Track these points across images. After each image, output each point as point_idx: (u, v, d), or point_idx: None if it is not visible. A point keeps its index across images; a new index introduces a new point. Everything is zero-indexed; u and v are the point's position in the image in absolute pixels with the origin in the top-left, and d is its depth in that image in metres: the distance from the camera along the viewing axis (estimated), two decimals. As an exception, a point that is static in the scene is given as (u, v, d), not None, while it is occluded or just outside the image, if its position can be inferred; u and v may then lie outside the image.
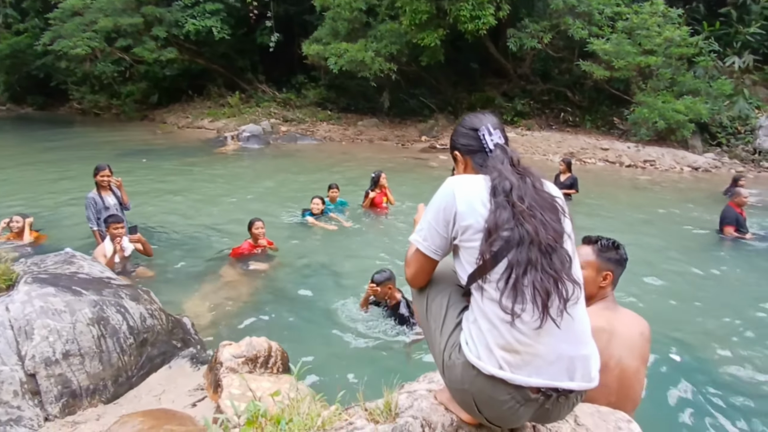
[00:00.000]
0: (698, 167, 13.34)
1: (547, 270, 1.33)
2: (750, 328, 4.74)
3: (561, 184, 9.21)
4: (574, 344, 1.39)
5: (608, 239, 2.23)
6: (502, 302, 1.35)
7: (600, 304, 2.17)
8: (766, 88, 15.68)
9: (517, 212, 1.35)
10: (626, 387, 2.09)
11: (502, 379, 1.35)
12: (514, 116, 15.60)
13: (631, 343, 2.10)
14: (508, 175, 1.42)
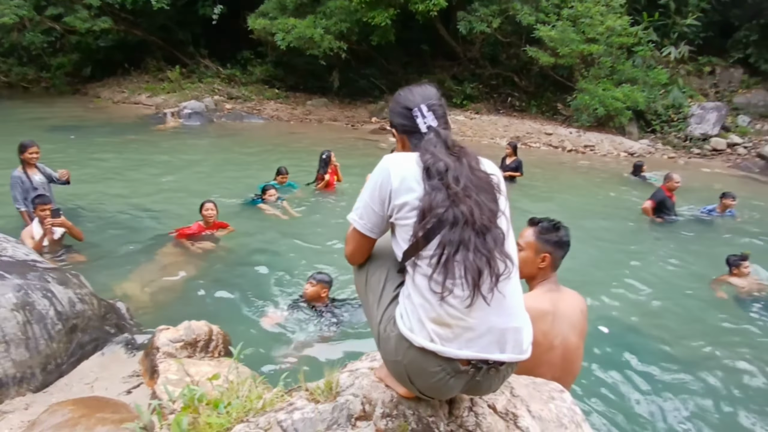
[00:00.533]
0: (634, 153, 14.00)
1: (480, 250, 1.36)
2: (672, 302, 5.12)
3: (507, 166, 9.45)
4: (505, 317, 1.42)
5: (550, 221, 2.26)
6: (433, 279, 1.37)
7: (544, 286, 2.23)
8: (699, 78, 16.59)
9: (452, 194, 1.37)
10: (569, 362, 2.20)
11: (433, 352, 1.38)
12: (464, 99, 15.76)
13: (572, 321, 2.19)
14: (442, 157, 1.42)
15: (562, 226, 2.26)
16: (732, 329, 4.74)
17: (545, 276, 2.24)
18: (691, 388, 3.79)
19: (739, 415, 3.53)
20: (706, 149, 14.59)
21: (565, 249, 2.25)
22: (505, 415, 1.64)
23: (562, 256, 2.24)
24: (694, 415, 3.48)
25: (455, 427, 1.63)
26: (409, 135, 1.56)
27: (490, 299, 1.38)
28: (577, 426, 1.64)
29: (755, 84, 16.04)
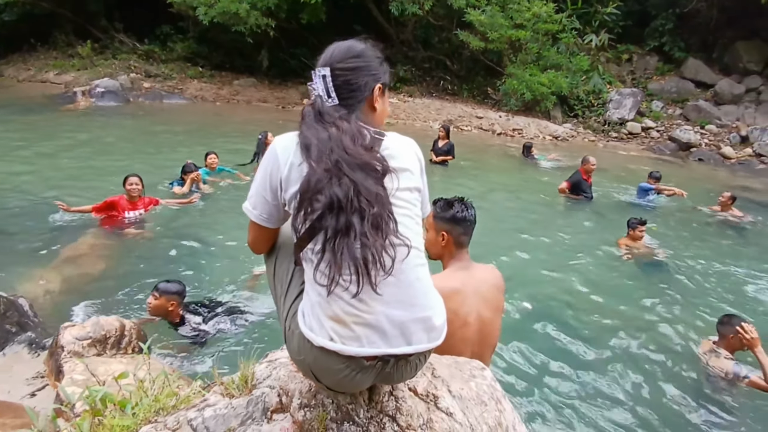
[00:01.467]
0: (558, 136, 14.61)
1: (364, 237, 1.23)
2: (583, 276, 5.40)
3: (439, 149, 9.53)
4: (408, 308, 1.34)
5: (447, 200, 2.24)
6: (319, 270, 1.27)
7: (455, 265, 2.22)
8: (617, 65, 17.50)
9: (323, 172, 1.22)
10: (485, 336, 2.23)
11: (336, 351, 1.31)
12: (397, 82, 15.73)
13: (486, 296, 2.21)
14: (308, 130, 1.28)
15: (456, 202, 2.22)
16: (632, 287, 5.27)
17: (452, 254, 2.23)
18: (606, 352, 4.01)
19: (648, 372, 3.76)
20: (623, 133, 15.48)
21: (464, 225, 2.20)
22: (426, 397, 1.61)
23: (462, 232, 2.20)
24: (610, 377, 3.67)
25: (375, 413, 1.59)
26: None
27: (384, 289, 1.28)
28: (497, 402, 1.64)
29: (669, 71, 17.15)
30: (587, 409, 3.37)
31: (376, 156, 1.29)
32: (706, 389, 3.62)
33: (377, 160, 1.28)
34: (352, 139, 1.26)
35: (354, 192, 1.21)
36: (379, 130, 1.36)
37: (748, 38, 16.32)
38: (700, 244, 6.80)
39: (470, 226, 2.24)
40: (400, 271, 1.30)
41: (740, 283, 5.64)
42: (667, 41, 16.96)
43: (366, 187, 1.22)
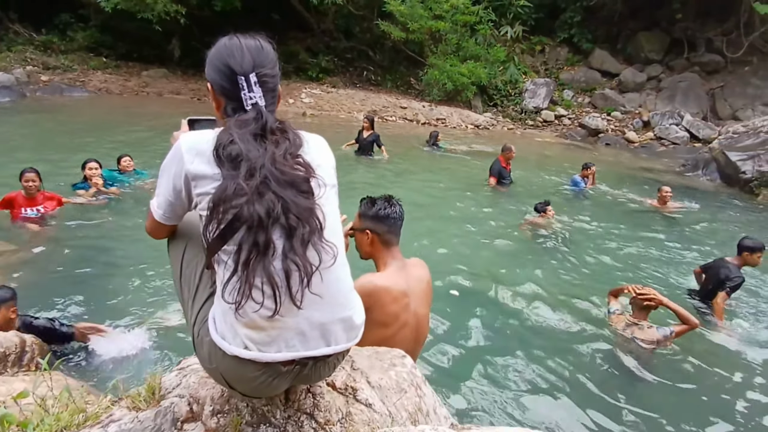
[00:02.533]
0: (479, 125, 15.06)
1: (287, 253, 1.19)
2: (501, 258, 5.63)
3: (364, 140, 9.48)
4: (329, 309, 1.30)
5: (371, 198, 2.20)
6: (230, 283, 1.18)
7: (393, 265, 2.17)
8: (531, 56, 18.28)
9: (249, 188, 1.15)
10: (420, 334, 2.26)
11: (251, 359, 1.24)
12: (319, 73, 15.51)
13: (421, 294, 2.22)
14: (242, 142, 1.19)
15: (379, 199, 2.18)
16: (547, 265, 5.56)
17: (381, 253, 2.19)
18: (531, 331, 4.16)
19: (572, 348, 3.94)
20: (538, 121, 16.24)
21: (388, 222, 2.16)
22: (345, 391, 1.56)
23: (387, 230, 2.16)
24: (537, 357, 3.81)
25: (292, 412, 1.53)
26: (227, 99, 1.31)
27: (302, 301, 1.23)
28: (416, 388, 1.62)
29: (578, 62, 18.16)
30: (517, 389, 3.46)
31: (306, 166, 1.24)
32: (629, 362, 3.82)
33: (306, 171, 1.24)
34: (284, 154, 1.21)
35: (282, 209, 1.16)
36: (300, 133, 1.30)
37: (649, 29, 17.61)
38: (608, 224, 7.25)
39: (395, 224, 2.19)
40: (326, 273, 1.27)
41: (649, 259, 6.07)
42: (576, 33, 17.93)
43: (296, 203, 1.18)
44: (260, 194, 1.15)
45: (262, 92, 1.27)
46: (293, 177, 1.20)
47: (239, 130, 1.20)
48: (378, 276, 2.12)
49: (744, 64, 16.66)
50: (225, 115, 1.32)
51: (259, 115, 1.24)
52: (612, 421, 3.20)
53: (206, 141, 1.22)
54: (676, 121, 15.62)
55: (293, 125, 1.31)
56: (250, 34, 1.34)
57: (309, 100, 13.91)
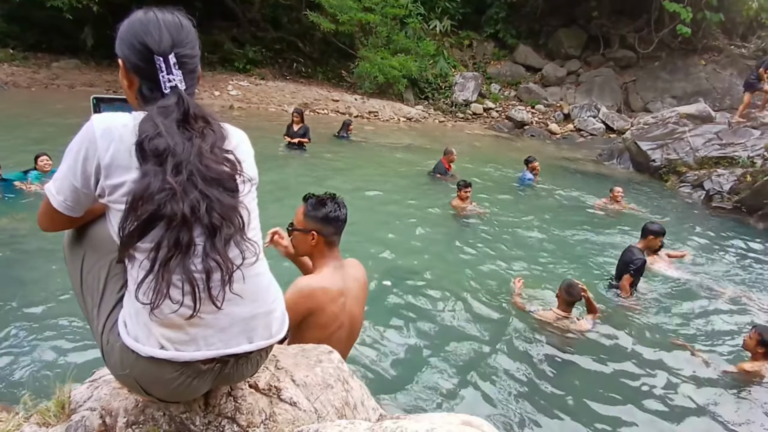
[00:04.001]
0: (411, 118, 15.23)
1: (209, 253, 1.14)
2: (436, 250, 5.72)
3: (294, 134, 9.31)
4: (250, 306, 1.27)
5: (319, 198, 2.14)
6: (145, 283, 1.11)
7: (330, 265, 2.14)
8: (460, 50, 18.67)
9: (172, 184, 1.08)
10: (354, 332, 2.27)
11: (167, 360, 1.18)
12: (247, 64, 14.99)
13: (358, 294, 2.22)
14: (167, 134, 1.10)
15: (329, 200, 2.13)
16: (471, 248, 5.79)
17: (323, 253, 2.14)
18: (461, 316, 4.27)
19: (500, 332, 4.07)
20: (468, 113, 16.66)
21: (336, 225, 2.13)
22: (268, 391, 1.50)
23: (334, 232, 2.13)
24: (468, 343, 3.89)
25: (213, 417, 1.47)
26: (141, 78, 1.20)
27: (222, 301, 1.18)
28: (343, 382, 1.60)
29: (504, 56, 18.76)
30: (450, 377, 3.52)
31: (233, 162, 1.18)
32: (560, 350, 3.99)
33: (233, 167, 1.18)
34: (212, 148, 1.14)
35: (207, 208, 1.10)
36: (222, 124, 1.23)
37: (568, 26, 18.49)
38: (540, 216, 7.57)
39: (342, 226, 2.17)
40: (247, 270, 1.22)
41: (576, 249, 6.39)
42: (501, 29, 18.52)
43: (221, 201, 1.13)
44: (185, 192, 1.08)
45: (182, 74, 1.19)
46: (219, 173, 1.15)
47: (164, 119, 1.11)
48: (314, 278, 2.09)
49: (654, 59, 17.91)
50: (139, 95, 1.21)
51: (181, 101, 1.15)
52: (544, 407, 3.34)
53: (122, 125, 1.13)
54: (594, 114, 16.56)
55: (213, 113, 1.23)
56: (167, 8, 1.23)
57: (236, 93, 13.42)
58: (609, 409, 3.38)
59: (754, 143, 10.29)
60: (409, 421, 1.13)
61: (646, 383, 3.68)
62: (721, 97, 16.65)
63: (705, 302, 5.11)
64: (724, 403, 3.53)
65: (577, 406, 3.37)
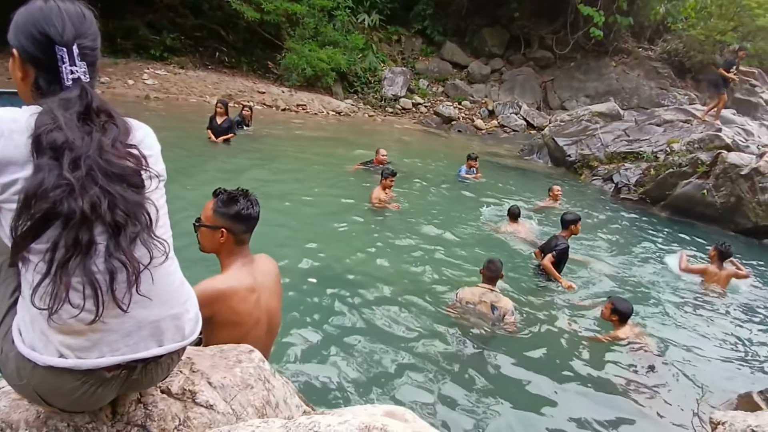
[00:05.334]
0: (340, 111, 15.12)
1: (113, 252, 1.08)
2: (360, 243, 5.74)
3: (219, 127, 8.93)
4: (159, 308, 1.20)
5: (230, 194, 2.05)
6: (41, 287, 1.04)
7: (238, 262, 2.06)
8: (389, 45, 18.76)
9: (70, 181, 1.01)
10: (273, 328, 2.22)
11: (68, 369, 1.11)
12: (164, 51, 14.14)
13: (271, 288, 2.17)
14: (66, 129, 1.03)
15: (242, 197, 2.05)
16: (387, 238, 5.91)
17: (231, 251, 2.05)
18: (389, 307, 4.31)
19: (433, 319, 4.15)
20: (397, 108, 16.81)
21: (248, 223, 2.06)
22: (182, 396, 1.42)
23: (245, 230, 2.06)
24: (398, 333, 3.93)
25: (122, 426, 1.38)
26: (37, 70, 1.12)
27: (129, 304, 1.12)
28: (264, 381, 1.55)
29: (431, 53, 19.08)
30: (380, 370, 3.53)
31: (138, 157, 1.14)
32: (482, 331, 4.13)
33: (137, 162, 1.13)
34: (113, 143, 1.09)
35: (109, 205, 1.05)
36: (126, 118, 1.17)
37: (492, 25, 19.12)
38: (463, 207, 7.78)
39: (254, 224, 2.09)
40: (156, 270, 1.17)
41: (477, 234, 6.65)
42: (428, 25, 18.81)
43: (125, 198, 1.08)
44: (84, 188, 1.01)
45: (86, 66, 1.14)
46: (122, 169, 1.09)
47: (64, 112, 1.05)
48: (220, 279, 2.01)
49: (570, 60, 18.96)
50: (35, 88, 1.13)
51: (84, 93, 1.09)
52: (468, 392, 3.44)
53: (12, 120, 1.05)
54: (516, 111, 17.30)
55: (117, 108, 1.17)
56: None
57: (153, 82, 12.61)
58: (532, 386, 3.57)
59: (658, 139, 11.18)
60: (326, 416, 1.11)
61: (560, 360, 3.94)
62: (629, 97, 17.95)
63: (604, 281, 5.64)
64: (597, 366, 3.95)
65: (498, 387, 3.51)
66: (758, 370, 4.31)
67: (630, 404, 3.57)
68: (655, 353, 4.20)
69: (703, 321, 5.06)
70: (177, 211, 1.30)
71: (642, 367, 4.01)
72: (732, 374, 4.16)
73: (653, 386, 3.81)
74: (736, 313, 5.36)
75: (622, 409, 3.51)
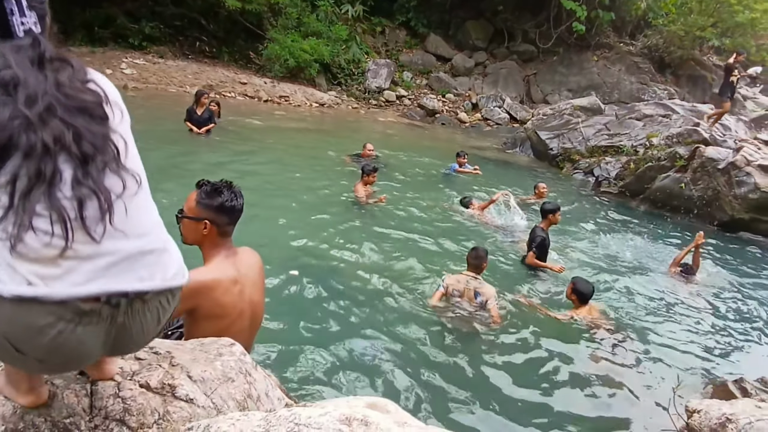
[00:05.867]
0: (324, 103, 15.02)
1: (82, 180, 1.03)
2: (333, 229, 5.77)
3: (199, 118, 8.78)
4: (138, 240, 1.14)
5: (214, 185, 2.01)
6: (5, 220, 0.99)
7: (222, 254, 2.04)
8: (372, 36, 18.64)
9: (26, 113, 0.98)
10: (256, 320, 2.22)
11: (38, 299, 1.01)
12: (143, 41, 13.86)
13: (255, 280, 2.16)
14: (18, 68, 1.01)
15: (225, 188, 2.02)
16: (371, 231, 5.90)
17: (214, 243, 2.03)
18: (371, 300, 4.30)
19: (411, 312, 4.17)
20: (381, 100, 16.76)
21: (232, 215, 2.04)
22: (161, 390, 1.40)
23: (228, 222, 2.03)
24: (379, 324, 3.93)
25: (100, 420, 1.36)
26: None
27: (103, 234, 1.06)
28: (245, 375, 1.54)
29: (415, 45, 19.03)
30: (361, 362, 3.54)
31: (95, 92, 1.10)
32: (464, 322, 4.16)
33: (96, 96, 1.09)
34: (70, 79, 1.07)
35: (74, 136, 1.02)
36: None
37: (476, 18, 19.13)
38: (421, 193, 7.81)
39: (238, 216, 2.07)
40: (130, 201, 1.12)
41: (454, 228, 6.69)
42: (413, 17, 18.74)
43: (90, 130, 1.05)
44: (43, 121, 0.99)
45: (36, 18, 1.14)
46: (83, 101, 1.06)
47: (16, 55, 1.02)
48: (202, 271, 1.98)
49: (553, 54, 19.09)
50: None
51: (36, 42, 1.06)
52: (452, 383, 3.46)
53: None
54: (499, 104, 17.39)
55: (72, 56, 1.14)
56: None
57: (131, 72, 12.34)
58: (509, 376, 3.61)
59: (638, 134, 11.35)
60: (306, 408, 1.10)
61: (539, 350, 4.01)
62: (610, 91, 18.17)
63: (580, 271, 5.73)
64: (573, 355, 4.05)
65: (480, 377, 3.55)
66: (733, 360, 4.43)
67: (606, 393, 3.64)
68: (620, 338, 4.31)
69: (679, 310, 5.17)
70: (158, 203, 1.26)
71: (613, 354, 4.10)
72: (708, 363, 4.26)
73: (629, 375, 3.88)
74: (712, 304, 5.48)
75: (597, 398, 3.58)
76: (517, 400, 3.40)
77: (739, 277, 6.39)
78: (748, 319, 5.33)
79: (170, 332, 2.21)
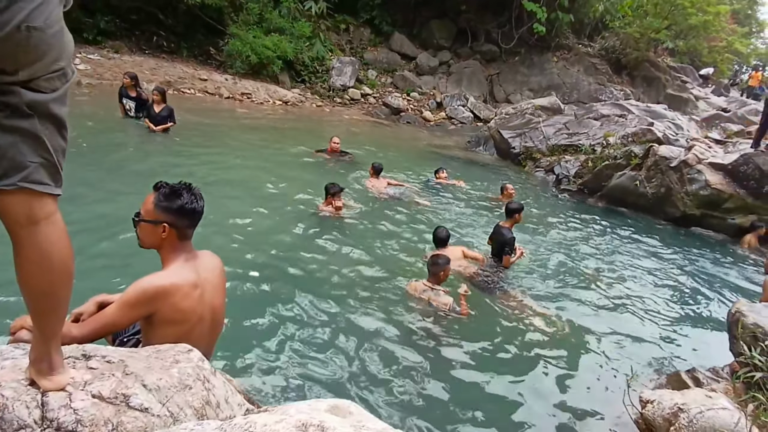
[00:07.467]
0: (287, 101, 14.83)
1: None
2: (303, 237, 5.67)
3: (157, 115, 8.50)
4: None
5: (173, 188, 1.97)
6: None
7: (181, 258, 2.00)
8: (337, 34, 18.51)
9: None
10: (217, 325, 2.19)
11: None
12: (98, 35, 13.34)
13: (215, 284, 2.13)
14: None
15: (185, 191, 1.98)
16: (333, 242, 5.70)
17: (174, 247, 1.99)
18: (333, 298, 4.28)
19: (373, 313, 4.18)
20: (346, 98, 16.68)
21: (192, 217, 1.99)
22: (114, 399, 1.36)
23: (188, 225, 1.99)
24: (339, 325, 3.93)
25: (52, 431, 1.32)
26: None
27: None
28: (204, 381, 1.50)
29: (380, 43, 19.01)
30: (324, 364, 3.52)
31: None
32: (428, 323, 4.18)
33: None
34: None
35: None
36: None
37: (440, 17, 19.26)
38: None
39: (198, 218, 2.02)
40: None
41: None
42: (377, 15, 18.71)
43: None
44: None
45: None
46: None
47: None
48: (161, 276, 1.93)
49: (515, 54, 19.44)
50: None
51: None
52: (412, 382, 3.49)
53: None
54: (463, 103, 17.59)
55: None
56: None
57: (85, 67, 11.85)
58: (473, 375, 3.66)
59: (595, 133, 11.70)
60: (262, 415, 1.09)
61: (500, 347, 4.06)
62: (570, 91, 18.66)
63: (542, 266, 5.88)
64: (528, 348, 4.12)
65: (444, 376, 3.59)
66: (686, 350, 4.61)
67: (560, 385, 3.72)
68: (572, 329, 4.46)
69: (633, 302, 5.35)
70: (117, 207, 1.21)
71: (565, 345, 4.22)
72: (661, 354, 4.43)
73: (583, 367, 3.99)
74: (665, 296, 5.71)
75: (551, 391, 3.65)
76: (475, 400, 3.44)
77: (692, 270, 6.68)
78: (701, 310, 5.57)
79: (126, 339, 2.14)
